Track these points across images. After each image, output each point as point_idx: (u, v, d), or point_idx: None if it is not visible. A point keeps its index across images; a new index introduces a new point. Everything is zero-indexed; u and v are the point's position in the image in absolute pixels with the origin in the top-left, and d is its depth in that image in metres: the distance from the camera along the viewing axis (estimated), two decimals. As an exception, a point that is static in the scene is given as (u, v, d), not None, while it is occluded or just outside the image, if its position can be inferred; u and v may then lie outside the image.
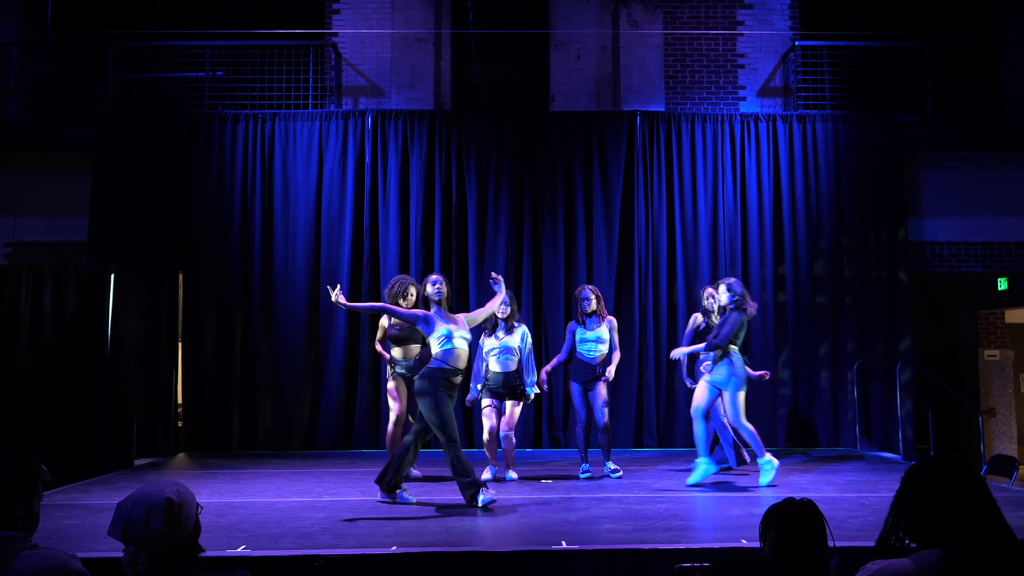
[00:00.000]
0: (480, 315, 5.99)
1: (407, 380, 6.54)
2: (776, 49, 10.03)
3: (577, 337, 6.88)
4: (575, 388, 6.92)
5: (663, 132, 9.37)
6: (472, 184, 9.20)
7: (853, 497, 5.84)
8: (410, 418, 6.60)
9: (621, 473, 6.81)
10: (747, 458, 6.97)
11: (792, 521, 2.34)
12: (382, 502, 5.59)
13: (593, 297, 6.86)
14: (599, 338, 6.83)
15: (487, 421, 6.64)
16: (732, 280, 6.52)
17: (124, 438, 7.97)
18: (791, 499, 2.41)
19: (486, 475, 6.53)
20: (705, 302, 7.07)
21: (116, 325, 8.03)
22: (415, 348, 6.59)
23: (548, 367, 7.13)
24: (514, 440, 6.68)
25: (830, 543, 2.34)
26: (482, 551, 4.19)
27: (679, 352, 6.76)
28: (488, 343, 6.72)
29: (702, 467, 6.27)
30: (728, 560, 2.00)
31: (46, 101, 9.82)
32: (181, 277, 9.15)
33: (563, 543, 4.27)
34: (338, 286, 5.82)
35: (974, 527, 1.96)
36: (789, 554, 2.31)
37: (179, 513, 2.20)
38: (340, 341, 8.97)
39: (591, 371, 6.83)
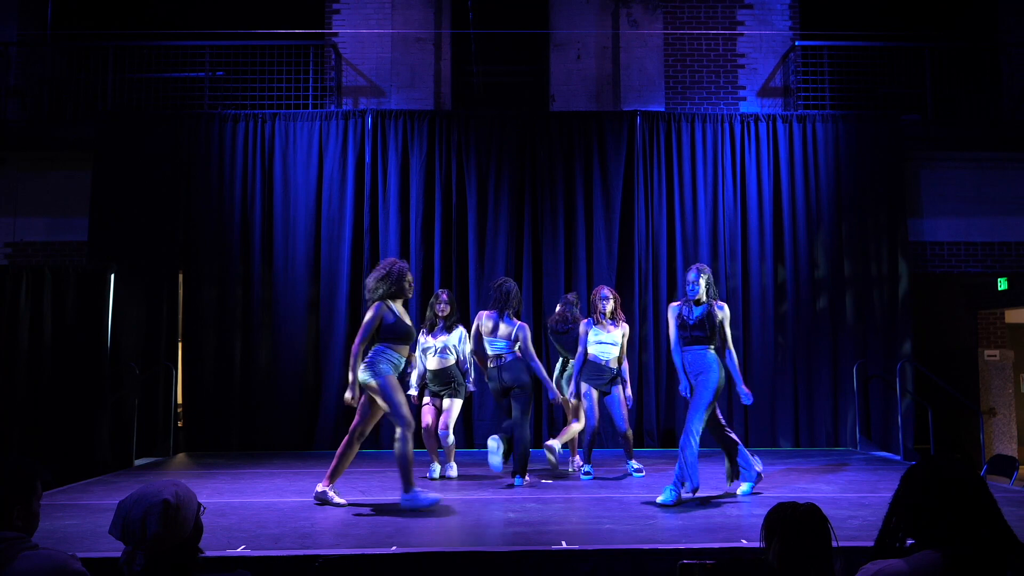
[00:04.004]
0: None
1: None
2: (776, 49, 10.03)
3: (592, 337, 6.71)
4: (588, 391, 6.70)
5: (663, 132, 9.37)
6: (472, 184, 9.20)
7: (853, 497, 5.83)
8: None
9: (644, 472, 6.85)
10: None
11: (797, 530, 2.28)
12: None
13: (612, 298, 6.80)
14: (615, 341, 6.74)
15: (424, 418, 6.76)
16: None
17: (124, 438, 7.97)
18: (794, 505, 2.35)
19: (435, 474, 6.71)
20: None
21: (116, 325, 8.03)
22: None
23: (575, 379, 6.78)
24: (452, 438, 6.72)
25: (833, 543, 2.31)
26: (482, 551, 4.18)
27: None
28: (427, 342, 6.80)
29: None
30: (730, 559, 1.97)
31: (46, 101, 9.82)
32: (181, 277, 9.15)
33: (563, 543, 4.26)
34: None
35: (974, 528, 1.95)
36: (795, 563, 2.26)
37: (176, 515, 2.19)
38: (340, 341, 8.97)
39: (606, 373, 6.69)
